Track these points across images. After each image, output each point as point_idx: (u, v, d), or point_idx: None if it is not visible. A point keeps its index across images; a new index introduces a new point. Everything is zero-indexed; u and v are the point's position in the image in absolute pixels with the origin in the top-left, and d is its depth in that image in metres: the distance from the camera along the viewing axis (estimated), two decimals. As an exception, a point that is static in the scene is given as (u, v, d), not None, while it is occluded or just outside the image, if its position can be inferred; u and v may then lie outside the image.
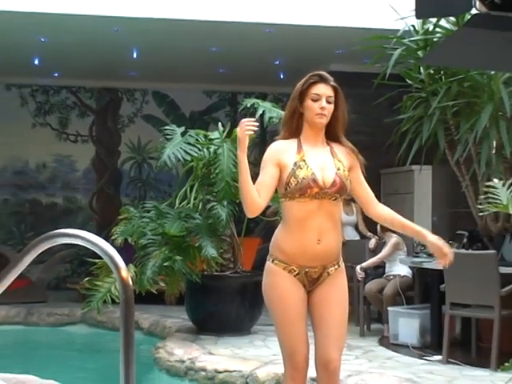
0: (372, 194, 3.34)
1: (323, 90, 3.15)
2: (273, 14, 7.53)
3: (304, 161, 3.12)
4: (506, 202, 5.46)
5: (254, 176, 3.19)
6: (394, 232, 7.38)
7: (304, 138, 3.20)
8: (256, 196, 3.08)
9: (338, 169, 3.15)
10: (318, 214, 3.10)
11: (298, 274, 3.14)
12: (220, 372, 5.42)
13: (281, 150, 3.16)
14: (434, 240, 3.21)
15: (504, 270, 5.72)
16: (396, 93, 6.90)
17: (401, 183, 8.92)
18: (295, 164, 3.11)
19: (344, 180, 3.15)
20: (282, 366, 5.33)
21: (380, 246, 7.44)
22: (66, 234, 2.30)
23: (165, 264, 6.49)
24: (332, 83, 3.18)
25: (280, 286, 3.15)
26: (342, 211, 6.65)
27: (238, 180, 3.13)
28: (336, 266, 3.22)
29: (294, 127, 3.21)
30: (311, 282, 3.17)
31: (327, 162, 3.16)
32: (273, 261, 3.18)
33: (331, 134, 3.23)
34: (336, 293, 3.20)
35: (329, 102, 3.15)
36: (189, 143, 6.99)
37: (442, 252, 3.18)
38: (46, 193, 11.06)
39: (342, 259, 3.28)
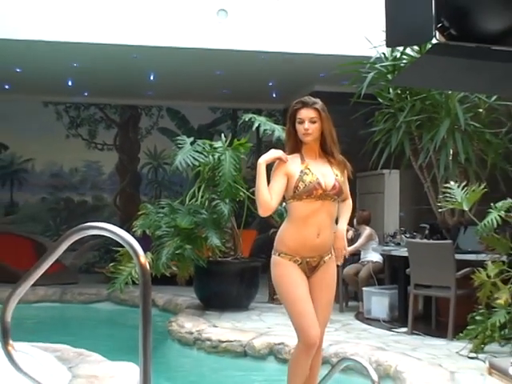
0: (346, 194, 3.35)
1: (305, 114, 3.16)
2: (267, 43, 7.53)
3: (309, 169, 3.14)
4: (461, 200, 5.48)
5: (251, 179, 3.21)
6: (367, 225, 7.40)
7: (305, 152, 3.21)
8: (269, 199, 3.09)
9: (337, 175, 3.19)
10: (319, 212, 3.12)
11: (300, 263, 3.14)
12: (223, 342, 5.42)
13: (287, 163, 3.15)
14: (336, 244, 3.27)
15: (459, 256, 5.74)
16: (369, 109, 6.92)
17: (373, 184, 8.93)
18: (302, 171, 3.13)
19: (342, 185, 3.19)
20: (274, 336, 5.38)
21: (356, 236, 7.44)
22: (94, 226, 2.30)
23: (177, 252, 6.48)
24: (314, 106, 3.16)
25: (288, 273, 3.14)
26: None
27: (256, 182, 3.11)
28: (330, 255, 3.23)
29: (294, 145, 3.22)
30: (310, 269, 3.17)
31: (327, 170, 3.18)
32: (279, 254, 3.17)
33: (325, 149, 3.22)
34: (328, 279, 3.22)
35: (313, 122, 3.15)
36: (197, 151, 6.99)
37: (337, 254, 3.27)
38: (77, 192, 11.06)
39: (332, 248, 3.28)
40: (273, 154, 3.15)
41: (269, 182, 3.14)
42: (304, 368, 3.13)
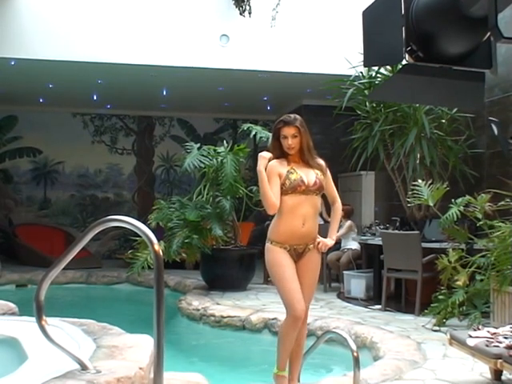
0: (335, 196, 3.34)
1: (287, 131, 3.17)
2: (262, 64, 7.52)
3: (294, 169, 3.17)
4: (427, 196, 5.49)
5: (249, 179, 3.22)
6: (349, 217, 7.37)
7: (290, 158, 3.22)
8: (274, 199, 3.10)
9: (317, 174, 3.19)
10: (303, 204, 3.13)
11: (289, 250, 3.15)
12: (224, 317, 5.43)
13: (277, 166, 3.18)
14: (324, 239, 3.23)
15: (425, 245, 5.75)
16: (349, 120, 6.92)
17: (352, 184, 8.93)
18: (288, 171, 3.16)
19: (321, 181, 3.20)
20: (268, 312, 5.38)
21: (338, 227, 7.41)
22: (115, 219, 2.30)
23: (185, 241, 6.48)
24: (294, 124, 3.17)
25: (279, 258, 3.14)
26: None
27: (260, 187, 3.14)
28: (313, 244, 3.20)
29: (278, 154, 3.23)
30: (297, 255, 3.18)
31: (309, 171, 3.19)
32: (271, 243, 3.17)
33: (303, 158, 3.22)
34: (312, 264, 3.20)
35: (294, 137, 3.17)
36: (203, 155, 6.98)
37: (321, 242, 3.20)
38: (101, 190, 11.02)
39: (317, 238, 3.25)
40: (265, 159, 3.17)
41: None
42: (291, 338, 3.13)
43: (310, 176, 3.16)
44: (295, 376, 3.24)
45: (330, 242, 3.24)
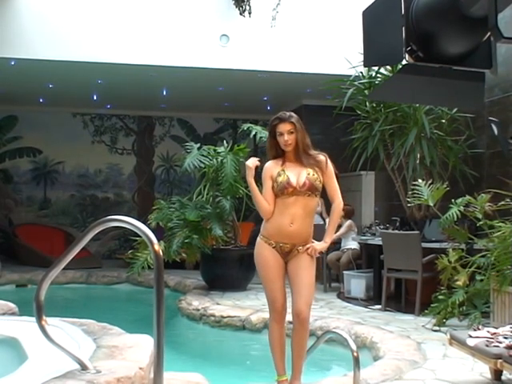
0: (334, 193, 3.25)
1: (283, 128, 3.17)
2: (262, 64, 7.52)
3: (283, 171, 3.17)
4: (427, 196, 5.49)
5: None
6: (350, 218, 7.37)
7: (286, 157, 3.23)
8: (267, 205, 3.16)
9: (308, 174, 3.16)
10: (293, 205, 3.13)
11: (274, 246, 3.18)
12: (224, 317, 5.43)
13: (271, 168, 3.22)
14: (315, 243, 3.21)
15: (425, 245, 5.76)
16: (349, 120, 6.92)
17: (352, 184, 8.93)
18: (278, 173, 3.17)
19: (312, 181, 3.15)
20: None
21: (338, 227, 7.42)
22: (115, 219, 2.30)
23: (185, 241, 6.48)
24: (290, 120, 3.17)
25: (263, 253, 3.20)
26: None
27: (252, 196, 3.20)
28: (303, 247, 3.17)
29: (275, 153, 3.25)
30: (284, 254, 3.19)
31: (301, 171, 3.17)
32: (261, 237, 3.24)
33: (299, 156, 3.20)
34: (303, 264, 3.17)
35: (291, 133, 3.17)
36: (203, 155, 6.98)
37: (311, 247, 3.17)
38: (101, 190, 11.02)
39: (310, 243, 3.20)
40: (252, 167, 3.20)
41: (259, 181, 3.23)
42: (277, 333, 3.22)
43: (300, 177, 3.15)
44: (297, 376, 3.24)
45: (320, 246, 3.20)
